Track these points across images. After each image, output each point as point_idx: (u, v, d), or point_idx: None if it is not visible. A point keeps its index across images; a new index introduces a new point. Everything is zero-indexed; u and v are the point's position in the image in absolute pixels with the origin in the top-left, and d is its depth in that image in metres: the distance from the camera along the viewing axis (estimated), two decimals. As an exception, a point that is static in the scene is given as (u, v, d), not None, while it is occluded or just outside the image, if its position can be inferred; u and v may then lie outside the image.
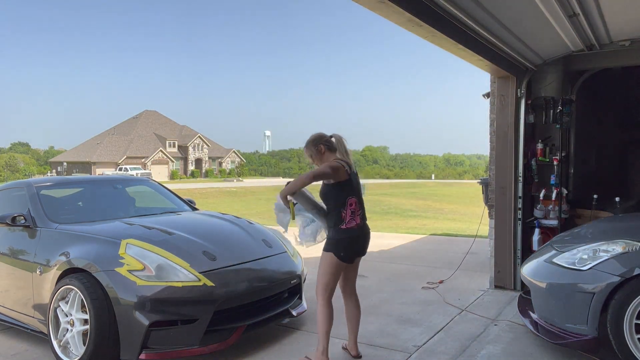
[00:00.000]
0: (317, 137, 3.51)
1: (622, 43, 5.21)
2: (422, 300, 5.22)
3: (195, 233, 4.08)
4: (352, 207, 3.35)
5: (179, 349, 3.43)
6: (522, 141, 5.48)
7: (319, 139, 3.50)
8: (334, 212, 3.36)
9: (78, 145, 67.09)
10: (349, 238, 3.33)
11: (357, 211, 3.38)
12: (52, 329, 3.76)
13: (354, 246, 3.39)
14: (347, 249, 3.35)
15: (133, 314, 3.37)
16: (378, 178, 66.29)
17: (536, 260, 3.96)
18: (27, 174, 62.24)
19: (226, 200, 26.74)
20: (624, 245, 3.40)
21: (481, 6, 3.84)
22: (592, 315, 3.30)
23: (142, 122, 68.83)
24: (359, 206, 3.41)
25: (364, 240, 3.46)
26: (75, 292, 3.59)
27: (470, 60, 4.75)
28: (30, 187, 4.66)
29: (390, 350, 3.83)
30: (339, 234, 3.33)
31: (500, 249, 5.56)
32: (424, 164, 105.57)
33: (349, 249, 3.36)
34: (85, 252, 3.71)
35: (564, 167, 5.93)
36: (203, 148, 68.46)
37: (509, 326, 4.35)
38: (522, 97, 5.46)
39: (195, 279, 3.55)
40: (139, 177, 6.17)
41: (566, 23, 4.36)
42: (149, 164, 61.13)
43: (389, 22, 3.59)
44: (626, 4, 4.21)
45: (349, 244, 3.35)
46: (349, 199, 3.35)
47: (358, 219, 3.37)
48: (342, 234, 3.32)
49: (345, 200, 3.34)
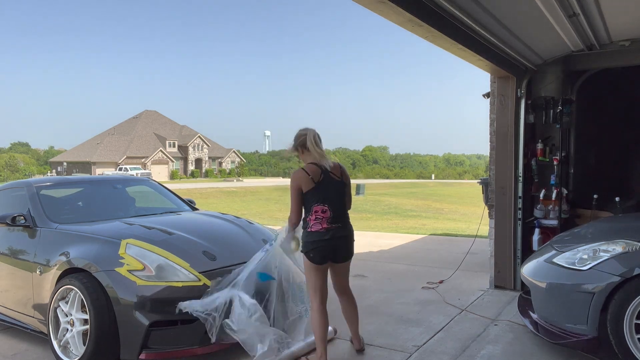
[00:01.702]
0: (295, 138, 3.55)
1: (622, 43, 5.21)
2: (422, 300, 5.22)
3: (195, 233, 4.08)
4: (317, 213, 3.39)
5: (179, 349, 3.43)
6: (522, 141, 5.48)
7: (296, 140, 3.54)
8: (305, 216, 3.48)
9: (78, 145, 67.12)
10: (314, 241, 3.39)
11: (324, 217, 3.39)
12: (52, 329, 3.76)
13: (321, 250, 3.39)
14: (315, 251, 3.39)
15: (133, 313, 3.37)
16: (378, 178, 66.35)
17: (536, 260, 3.96)
18: (27, 174, 62.27)
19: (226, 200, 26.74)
20: (624, 245, 3.40)
21: (481, 6, 3.84)
22: (592, 315, 3.30)
23: (142, 122, 68.83)
24: (328, 212, 3.40)
25: (332, 246, 3.43)
26: (75, 292, 3.59)
27: (470, 60, 4.75)
28: (30, 187, 4.66)
29: (390, 350, 3.83)
30: (305, 237, 3.45)
31: (500, 249, 5.56)
32: (424, 164, 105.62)
33: (317, 252, 3.39)
34: (85, 252, 3.71)
35: (564, 167, 5.92)
36: (203, 148, 68.47)
37: (509, 326, 4.35)
38: (522, 97, 5.46)
39: (195, 279, 3.55)
40: (139, 177, 6.17)
41: (566, 23, 4.36)
42: (149, 164, 61.14)
43: (389, 22, 3.59)
44: (626, 4, 4.21)
45: (316, 247, 3.39)
46: (313, 206, 3.40)
47: (325, 223, 3.38)
48: (308, 237, 3.42)
49: (310, 207, 3.42)
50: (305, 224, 3.46)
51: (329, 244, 3.40)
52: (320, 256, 3.41)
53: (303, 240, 3.46)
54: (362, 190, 28.47)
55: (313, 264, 3.41)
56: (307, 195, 3.40)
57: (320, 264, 3.43)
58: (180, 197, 5.63)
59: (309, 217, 3.42)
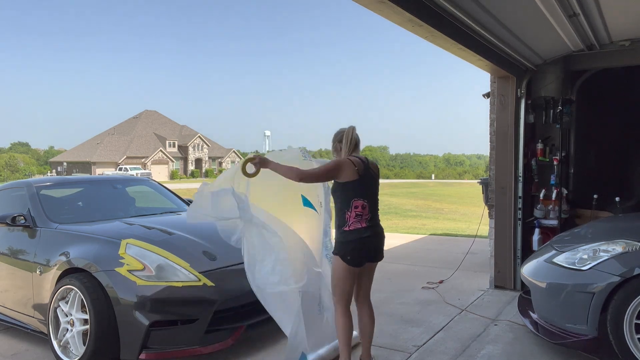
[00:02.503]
0: (336, 134, 3.36)
1: (622, 43, 5.21)
2: (422, 300, 5.22)
3: (195, 233, 4.08)
4: (357, 209, 3.15)
5: (179, 349, 3.43)
6: (522, 141, 5.48)
7: (337, 135, 3.34)
8: (339, 212, 3.20)
9: (78, 145, 67.06)
10: (353, 241, 3.13)
11: (364, 214, 3.16)
12: (52, 329, 3.76)
13: (361, 250, 3.15)
14: (353, 252, 3.13)
15: (133, 314, 3.37)
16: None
17: (536, 260, 3.96)
18: (27, 174, 62.26)
19: (226, 200, 26.65)
20: (624, 245, 3.40)
21: (481, 6, 3.84)
22: (592, 315, 3.30)
23: (142, 122, 68.80)
24: (368, 210, 3.18)
25: (373, 244, 3.22)
26: (75, 292, 3.59)
27: (470, 60, 4.75)
28: (30, 187, 4.66)
29: (390, 350, 3.83)
30: (343, 237, 3.16)
31: (500, 249, 5.56)
32: (424, 164, 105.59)
33: (356, 253, 3.14)
34: (85, 252, 3.71)
35: (564, 167, 5.92)
36: (203, 148, 68.45)
37: (509, 326, 4.35)
38: (522, 97, 5.46)
39: (195, 279, 3.55)
40: (139, 177, 6.18)
41: (566, 23, 4.36)
42: (149, 164, 61.13)
43: (389, 21, 3.59)
44: (626, 4, 4.21)
45: (354, 247, 3.13)
46: (353, 200, 3.15)
47: (364, 222, 3.15)
48: (346, 237, 3.14)
49: (349, 201, 3.15)
50: (341, 222, 3.17)
51: (370, 241, 3.18)
52: (360, 257, 3.17)
53: (339, 241, 3.17)
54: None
55: (350, 267, 3.15)
56: (347, 188, 3.14)
57: (358, 266, 3.18)
58: (180, 197, 5.63)
59: (348, 213, 3.14)
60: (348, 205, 3.15)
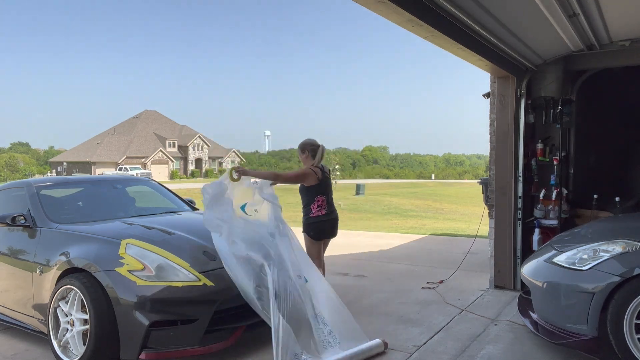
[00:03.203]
0: (307, 143, 4.51)
1: (622, 43, 5.21)
2: (422, 300, 5.23)
3: (195, 233, 4.08)
4: (318, 202, 4.43)
5: (179, 349, 3.43)
6: (522, 141, 5.48)
7: (308, 145, 4.50)
8: (306, 205, 4.44)
9: (78, 145, 67.08)
10: (315, 223, 4.43)
11: (323, 205, 4.44)
12: (52, 329, 3.76)
13: (321, 229, 4.45)
14: (315, 231, 4.44)
15: (133, 314, 3.37)
16: (378, 178, 66.26)
17: (536, 260, 3.96)
18: (27, 174, 62.21)
19: (226, 200, 26.65)
20: (624, 245, 3.40)
21: (481, 6, 3.84)
22: (592, 315, 3.30)
23: (142, 122, 68.81)
24: (326, 202, 4.46)
25: (330, 225, 4.52)
26: (75, 292, 3.59)
27: (470, 60, 4.75)
28: (30, 187, 4.66)
29: (390, 350, 3.83)
30: (308, 221, 4.44)
31: (500, 249, 5.56)
32: (424, 164, 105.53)
33: (317, 231, 4.45)
34: (85, 252, 3.71)
35: (564, 167, 5.92)
36: (203, 148, 68.48)
37: (509, 326, 4.35)
38: (522, 97, 5.46)
39: (195, 279, 3.55)
40: (139, 177, 6.18)
41: (566, 23, 4.36)
42: (149, 164, 61.15)
43: (389, 21, 3.59)
44: (626, 4, 4.21)
45: (316, 228, 4.43)
46: (317, 197, 4.41)
47: (323, 210, 4.43)
48: (311, 221, 4.43)
49: (314, 197, 4.41)
50: (308, 211, 4.43)
51: (327, 224, 4.48)
52: (320, 234, 4.47)
53: (306, 224, 4.44)
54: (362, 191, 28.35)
55: (313, 240, 4.46)
56: (312, 189, 4.40)
57: (319, 240, 4.49)
58: (180, 197, 5.64)
59: (312, 205, 4.41)
60: (313, 200, 4.42)
